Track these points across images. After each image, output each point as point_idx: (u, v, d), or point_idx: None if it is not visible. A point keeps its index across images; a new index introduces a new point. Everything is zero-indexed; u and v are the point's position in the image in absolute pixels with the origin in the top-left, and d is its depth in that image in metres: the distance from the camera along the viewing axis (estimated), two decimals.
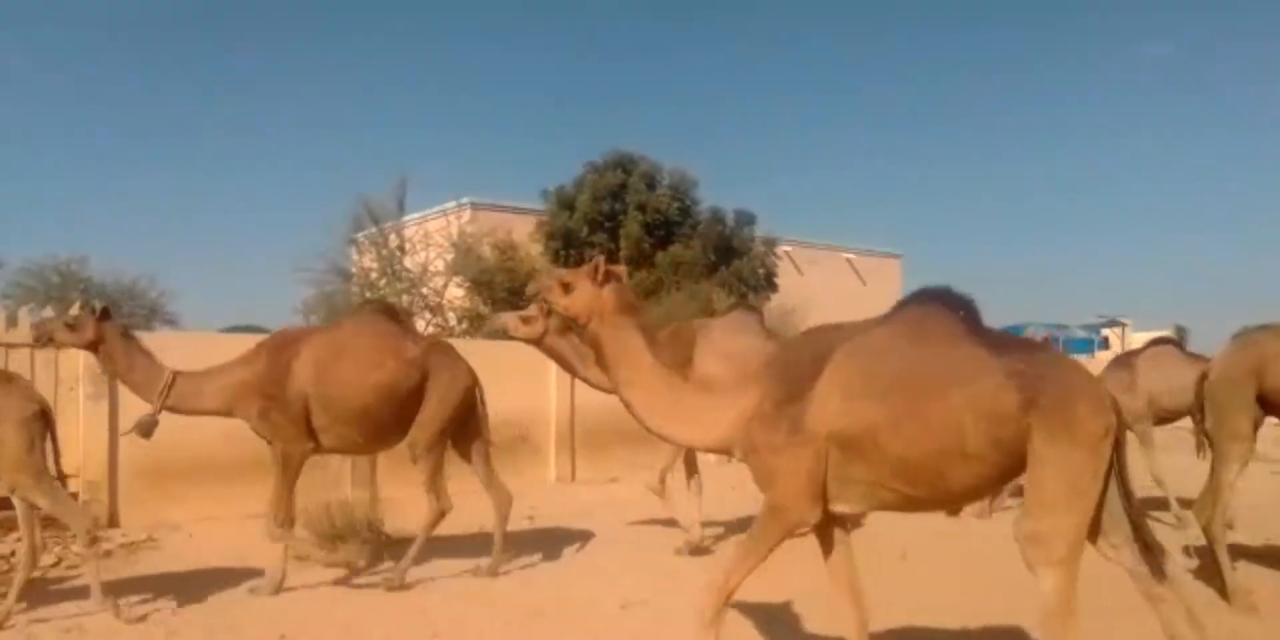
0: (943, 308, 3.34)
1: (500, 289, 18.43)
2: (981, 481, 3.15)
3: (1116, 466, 3.11)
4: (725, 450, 3.53)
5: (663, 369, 3.58)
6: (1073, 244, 75.11)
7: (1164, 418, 8.42)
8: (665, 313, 16.30)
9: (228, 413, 5.74)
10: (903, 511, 3.47)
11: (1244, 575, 5.69)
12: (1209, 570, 5.66)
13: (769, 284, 23.37)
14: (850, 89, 70.16)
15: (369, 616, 5.17)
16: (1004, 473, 3.12)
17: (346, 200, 19.22)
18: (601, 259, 3.60)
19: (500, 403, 4.82)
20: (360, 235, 19.21)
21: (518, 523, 8.36)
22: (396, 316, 6.36)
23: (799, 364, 3.31)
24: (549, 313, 6.15)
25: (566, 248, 21.36)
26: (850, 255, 36.24)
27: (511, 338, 3.78)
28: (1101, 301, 71.39)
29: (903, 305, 3.47)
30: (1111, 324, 35.78)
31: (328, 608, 5.35)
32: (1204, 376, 5.80)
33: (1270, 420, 5.58)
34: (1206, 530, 5.45)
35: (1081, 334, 31.86)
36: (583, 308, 3.55)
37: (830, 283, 33.39)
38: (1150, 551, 3.18)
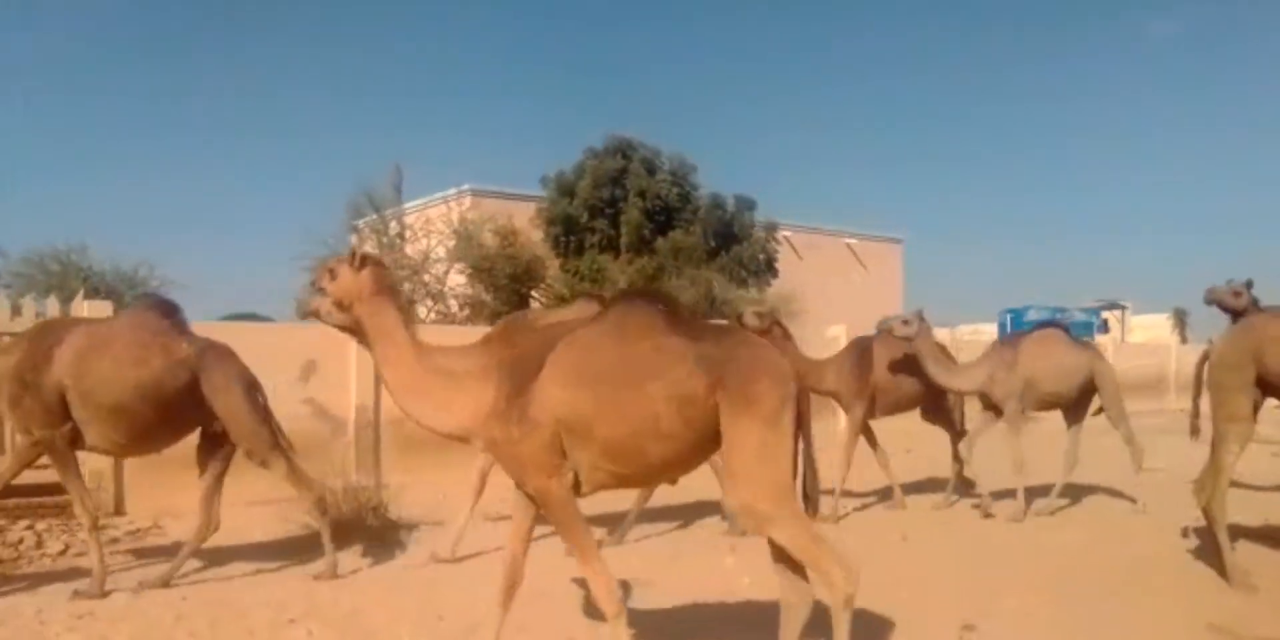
0: (645, 304, 3.64)
1: (501, 275, 18.42)
2: (682, 457, 3.48)
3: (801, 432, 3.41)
4: (464, 437, 3.70)
5: (419, 351, 3.75)
6: (1074, 227, 75.12)
7: (1047, 403, 8.02)
8: None
9: None
10: (618, 489, 3.74)
11: (1243, 555, 5.74)
12: (1209, 550, 5.70)
13: (769, 269, 23.34)
14: (851, 73, 69.99)
15: (375, 601, 5.21)
16: (700, 449, 3.46)
17: (347, 187, 19.23)
18: (356, 245, 3.64)
19: None
20: (361, 222, 19.20)
21: None
22: (172, 313, 5.88)
23: (525, 360, 3.55)
24: None
25: (567, 234, 21.31)
26: (851, 240, 36.17)
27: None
28: (1102, 285, 71.39)
29: (611, 304, 3.79)
30: (1111, 307, 35.82)
31: (334, 593, 5.40)
32: (1204, 358, 5.82)
33: (1270, 402, 5.61)
34: (1206, 511, 5.48)
35: (1081, 317, 31.84)
36: (344, 292, 3.78)
37: (831, 268, 33.40)
38: (809, 505, 3.49)
